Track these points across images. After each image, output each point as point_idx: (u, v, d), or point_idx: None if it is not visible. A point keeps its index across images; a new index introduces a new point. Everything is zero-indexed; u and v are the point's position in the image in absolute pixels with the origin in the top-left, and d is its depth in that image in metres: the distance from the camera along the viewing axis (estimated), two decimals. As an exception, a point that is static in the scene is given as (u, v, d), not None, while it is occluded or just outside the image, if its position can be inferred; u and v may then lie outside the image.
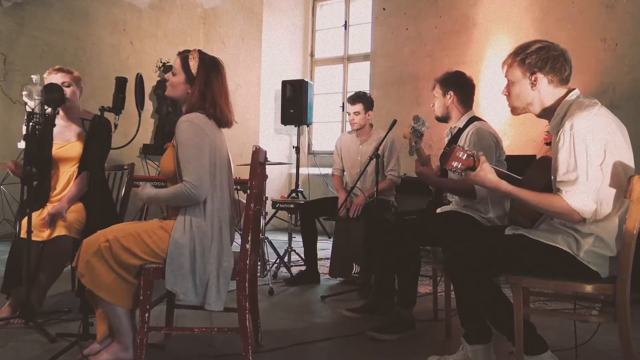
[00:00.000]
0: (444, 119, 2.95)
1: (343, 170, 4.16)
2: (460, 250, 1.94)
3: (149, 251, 2.04)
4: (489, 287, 1.89)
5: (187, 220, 2.07)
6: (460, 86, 2.87)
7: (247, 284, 2.09)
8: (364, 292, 3.44)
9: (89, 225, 2.75)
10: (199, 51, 2.30)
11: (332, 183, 6.70)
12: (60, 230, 2.72)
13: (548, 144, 5.03)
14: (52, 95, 2.70)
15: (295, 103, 6.12)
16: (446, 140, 3.02)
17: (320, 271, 4.01)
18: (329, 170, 7.05)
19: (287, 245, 4.22)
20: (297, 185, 6.25)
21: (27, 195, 2.64)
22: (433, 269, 2.94)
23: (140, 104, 2.34)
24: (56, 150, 2.93)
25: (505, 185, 1.84)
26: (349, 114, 3.98)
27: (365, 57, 7.11)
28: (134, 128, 2.41)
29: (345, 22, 7.37)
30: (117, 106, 2.32)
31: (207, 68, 2.24)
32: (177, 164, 2.11)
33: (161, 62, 7.07)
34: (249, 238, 2.08)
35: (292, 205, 4.10)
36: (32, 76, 5.78)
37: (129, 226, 2.10)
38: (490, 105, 5.41)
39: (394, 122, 3.46)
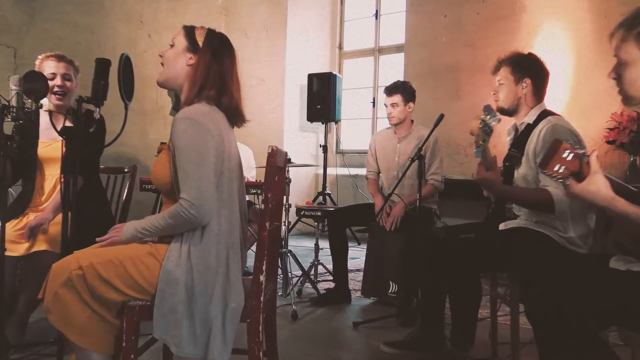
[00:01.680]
0: (510, 111, 2.39)
1: (379, 173, 3.64)
2: (548, 291, 1.40)
3: (133, 284, 1.56)
4: (593, 344, 1.35)
5: (183, 246, 1.58)
6: (538, 73, 2.32)
7: (261, 327, 1.60)
8: (404, 318, 2.92)
9: (73, 240, 2.31)
10: (209, 28, 1.84)
11: (363, 185, 6.24)
12: (41, 245, 2.28)
13: (611, 142, 4.41)
14: (34, 85, 2.26)
15: (322, 98, 5.62)
16: (508, 139, 2.48)
17: (350, 287, 3.51)
18: (358, 171, 6.58)
19: (313, 258, 3.73)
20: (324, 187, 5.76)
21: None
22: (491, 296, 2.40)
23: (126, 93, 1.85)
24: (41, 149, 2.51)
25: (622, 204, 1.29)
26: (386, 107, 3.46)
27: (398, 48, 6.56)
28: (154, 125, 1.93)
29: (376, 11, 6.83)
30: (97, 95, 1.82)
31: (217, 42, 1.77)
32: (173, 172, 1.63)
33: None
34: (264, 267, 1.59)
35: (319, 213, 3.60)
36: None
37: (109, 251, 1.61)
38: (541, 99, 4.82)
39: (441, 116, 2.92)
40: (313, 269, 3.71)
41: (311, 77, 5.74)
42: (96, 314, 1.56)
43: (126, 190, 2.72)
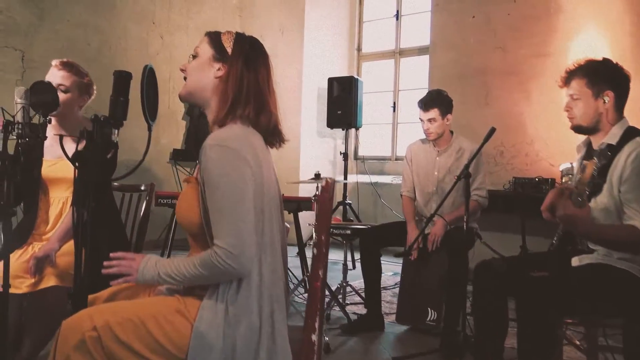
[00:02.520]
0: (589, 130, 2.07)
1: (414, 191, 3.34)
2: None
3: (158, 348, 1.29)
4: None
5: (219, 304, 1.31)
6: (620, 83, 2.00)
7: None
8: (449, 352, 2.64)
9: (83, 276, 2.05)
10: (237, 32, 1.56)
11: (384, 194, 5.96)
12: (49, 280, 2.01)
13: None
14: (42, 97, 2.01)
15: (343, 103, 5.35)
16: (578, 157, 2.18)
17: (383, 309, 3.22)
18: (379, 178, 6.30)
19: (341, 279, 3.45)
20: (344, 196, 5.49)
21: (2, 233, 1.92)
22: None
23: (150, 112, 1.57)
24: (46, 169, 2.24)
25: None
26: (422, 122, 3.17)
27: (420, 50, 6.27)
28: (166, 130, 1.66)
29: (397, 11, 6.54)
30: (117, 115, 1.52)
31: (249, 48, 1.50)
32: (203, 211, 1.36)
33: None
34: (317, 325, 1.32)
35: (349, 232, 3.32)
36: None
37: (128, 307, 1.34)
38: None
39: (493, 130, 2.62)
40: (341, 290, 3.43)
41: (331, 81, 5.47)
42: (115, 382, 1.30)
43: (142, 212, 2.45)
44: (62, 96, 2.24)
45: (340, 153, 5.65)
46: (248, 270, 1.31)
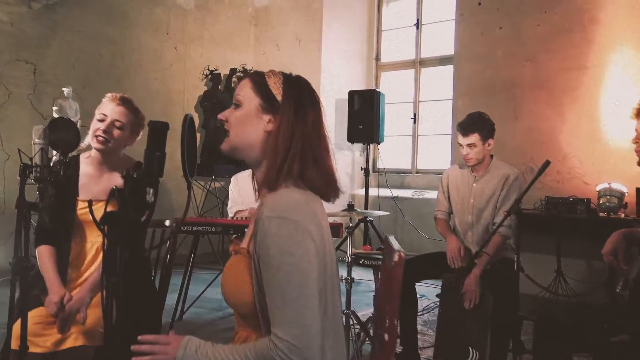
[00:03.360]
0: None
1: (449, 213, 3.17)
2: None
3: None
4: None
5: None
6: None
7: None
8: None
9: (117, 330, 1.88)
10: (281, 71, 1.37)
11: (405, 209, 5.77)
12: (76, 339, 1.84)
13: None
14: (62, 134, 1.84)
15: (364, 117, 5.17)
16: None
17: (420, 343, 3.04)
18: (399, 192, 6.11)
19: (368, 305, 3.26)
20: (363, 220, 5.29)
21: (21, 292, 1.75)
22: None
23: (190, 167, 1.36)
24: (80, 210, 2.07)
25: None
26: (461, 146, 2.97)
27: (441, 60, 6.08)
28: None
29: (418, 20, 6.34)
30: (152, 171, 1.31)
31: (298, 89, 1.31)
32: (257, 291, 1.18)
33: (208, 69, 6.23)
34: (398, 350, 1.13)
35: (380, 262, 3.12)
36: (64, 89, 5.03)
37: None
38: (616, 122, 4.31)
39: (547, 163, 2.42)
40: (370, 324, 3.24)
41: (352, 94, 5.29)
42: None
43: (169, 255, 2.26)
44: (115, 132, 2.09)
45: (362, 168, 5.46)
46: None
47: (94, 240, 2.10)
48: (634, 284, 1.89)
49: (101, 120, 2.09)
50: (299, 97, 1.30)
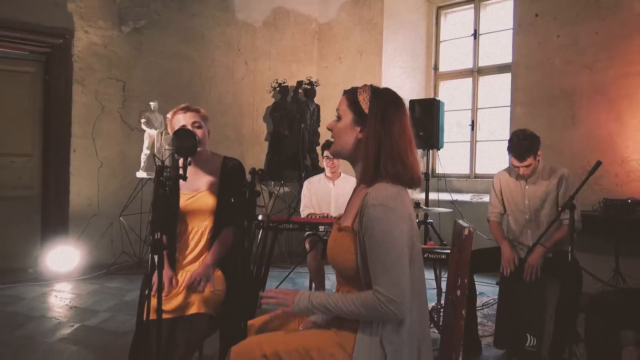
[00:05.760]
0: None
1: (502, 214, 3.42)
2: None
3: (320, 377, 1.47)
4: None
5: (374, 337, 1.47)
6: None
7: None
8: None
9: (231, 298, 2.29)
10: (371, 85, 1.70)
11: (464, 212, 5.97)
12: (198, 307, 2.23)
13: None
14: (185, 143, 2.26)
15: (425, 125, 5.44)
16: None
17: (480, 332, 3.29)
18: (458, 196, 6.33)
19: (435, 301, 3.55)
20: (426, 216, 5.55)
21: (158, 268, 2.13)
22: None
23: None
24: (184, 202, 2.48)
25: None
26: (517, 167, 3.21)
27: (499, 69, 6.28)
28: (249, 151, 1.83)
29: (475, 30, 6.57)
30: (271, 171, 1.72)
31: (384, 101, 1.62)
32: (361, 259, 1.52)
33: (276, 82, 6.69)
34: (461, 357, 1.45)
35: (444, 256, 3.41)
36: (151, 103, 5.63)
37: (292, 338, 1.54)
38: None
39: (598, 164, 2.66)
40: (434, 312, 3.53)
41: (413, 103, 5.58)
42: (278, 402, 1.48)
43: (260, 245, 2.65)
44: (199, 132, 2.45)
45: (422, 174, 5.73)
46: (404, 316, 1.46)
47: (199, 225, 2.48)
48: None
49: None
50: (384, 110, 1.62)
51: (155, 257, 2.08)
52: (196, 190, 2.51)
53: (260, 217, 2.78)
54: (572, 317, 2.70)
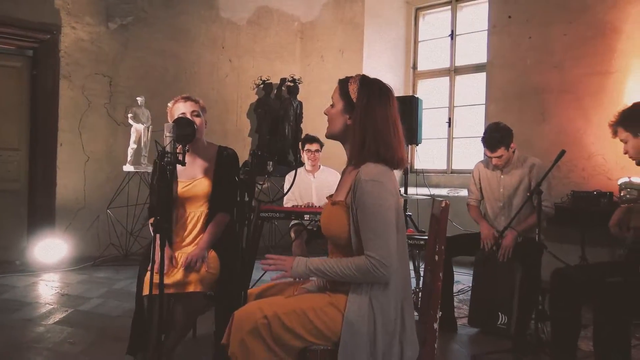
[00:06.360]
0: None
1: (480, 200, 3.67)
2: None
3: (316, 333, 1.67)
4: None
5: (364, 298, 1.67)
6: None
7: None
8: (521, 351, 2.92)
9: (224, 277, 2.47)
10: (362, 75, 1.90)
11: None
12: (195, 286, 2.41)
13: None
14: (184, 130, 2.43)
15: (404, 121, 5.58)
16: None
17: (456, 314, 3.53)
18: (435, 191, 6.58)
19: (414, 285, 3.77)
20: (405, 208, 5.79)
21: (161, 246, 2.28)
22: None
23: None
24: (182, 189, 2.65)
25: None
26: (490, 158, 3.46)
27: (475, 68, 6.55)
28: (234, 146, 2.03)
29: (452, 31, 6.84)
30: (272, 152, 1.91)
31: (370, 91, 1.81)
32: (353, 229, 1.72)
33: (261, 79, 6.86)
34: (438, 316, 1.66)
35: (422, 242, 3.63)
36: (137, 98, 5.76)
37: (290, 301, 1.73)
38: None
39: (562, 152, 2.91)
40: (414, 296, 3.75)
41: (393, 100, 5.80)
42: (279, 358, 1.67)
43: (252, 230, 2.82)
44: (197, 120, 2.62)
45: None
46: (391, 277, 1.67)
47: (195, 211, 2.64)
48: (632, 245, 2.37)
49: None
50: (368, 100, 1.81)
51: (157, 236, 2.24)
52: (193, 178, 2.67)
53: (253, 203, 2.95)
54: (534, 295, 2.95)
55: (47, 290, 4.34)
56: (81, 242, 5.72)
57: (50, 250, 5.34)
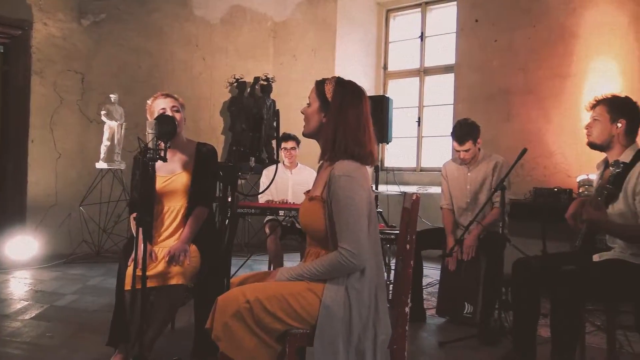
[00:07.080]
0: (602, 147, 2.52)
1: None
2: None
3: (295, 316, 1.78)
4: None
5: (340, 284, 1.79)
6: (633, 117, 2.46)
7: (405, 353, 1.81)
8: (485, 337, 3.10)
9: (204, 270, 2.56)
10: (338, 77, 2.03)
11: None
12: (177, 279, 2.48)
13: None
14: (166, 127, 2.51)
15: (375, 120, 5.76)
16: (598, 172, 2.63)
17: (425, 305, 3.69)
18: (405, 188, 6.76)
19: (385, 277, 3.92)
20: (376, 205, 5.95)
21: (143, 240, 2.36)
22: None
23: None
24: (161, 184, 2.71)
25: None
26: (458, 152, 3.62)
27: (444, 69, 6.76)
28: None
29: (422, 33, 7.04)
30: (254, 147, 2.03)
31: (344, 91, 1.93)
32: (329, 222, 1.84)
33: (234, 77, 6.92)
34: (409, 300, 1.80)
35: (393, 236, 3.79)
36: (111, 95, 5.76)
37: (271, 286, 1.84)
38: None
39: (524, 151, 3.10)
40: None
41: (364, 100, 5.95)
42: (261, 340, 1.78)
43: (229, 226, 2.91)
44: (177, 115, 2.71)
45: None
46: (364, 266, 1.79)
47: (175, 205, 2.71)
48: (585, 236, 2.56)
49: (164, 113, 2.66)
50: (342, 100, 1.94)
51: (140, 230, 2.32)
52: (172, 173, 2.75)
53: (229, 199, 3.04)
54: (497, 286, 3.14)
55: (21, 287, 4.33)
56: (53, 239, 5.69)
57: (21, 247, 5.31)
